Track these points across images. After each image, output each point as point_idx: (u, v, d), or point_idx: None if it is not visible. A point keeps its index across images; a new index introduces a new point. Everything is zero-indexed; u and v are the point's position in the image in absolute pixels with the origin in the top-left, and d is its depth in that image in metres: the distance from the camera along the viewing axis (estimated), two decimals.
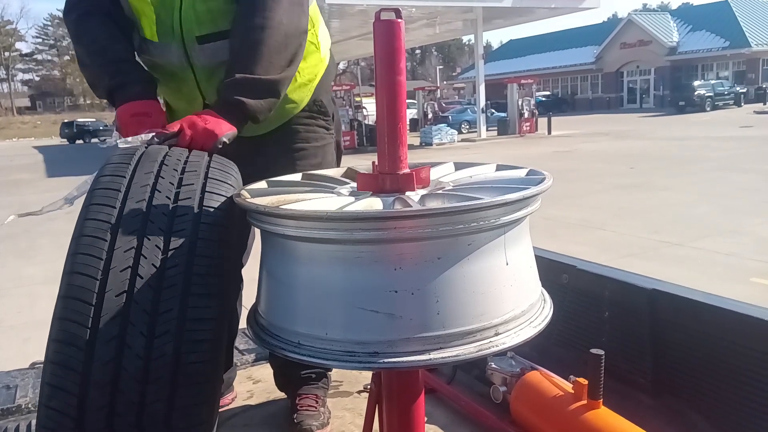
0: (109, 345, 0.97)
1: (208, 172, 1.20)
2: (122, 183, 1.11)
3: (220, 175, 1.20)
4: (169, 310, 1.01)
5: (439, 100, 29.69)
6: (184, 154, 1.24)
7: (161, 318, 1.00)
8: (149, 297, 1.01)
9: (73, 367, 0.96)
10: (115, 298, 0.99)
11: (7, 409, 2.14)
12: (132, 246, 1.04)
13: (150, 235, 1.05)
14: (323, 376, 2.10)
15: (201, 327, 1.02)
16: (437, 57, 67.59)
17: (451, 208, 0.89)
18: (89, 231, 1.04)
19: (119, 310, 0.99)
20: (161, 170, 1.16)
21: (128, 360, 0.98)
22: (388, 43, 0.99)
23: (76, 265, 1.01)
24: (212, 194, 1.15)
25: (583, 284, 1.91)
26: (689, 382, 1.59)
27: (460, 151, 18.79)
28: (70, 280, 1.00)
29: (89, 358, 0.97)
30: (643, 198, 9.06)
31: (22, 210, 1.31)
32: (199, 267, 1.05)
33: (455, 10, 20.91)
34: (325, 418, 2.00)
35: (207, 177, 1.18)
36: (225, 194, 1.16)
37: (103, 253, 1.02)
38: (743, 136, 17.18)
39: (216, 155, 1.31)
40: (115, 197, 1.08)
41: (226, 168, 1.25)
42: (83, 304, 0.98)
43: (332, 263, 0.91)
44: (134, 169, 1.15)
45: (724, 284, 4.93)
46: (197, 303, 1.03)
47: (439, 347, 0.89)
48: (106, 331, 0.98)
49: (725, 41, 35.77)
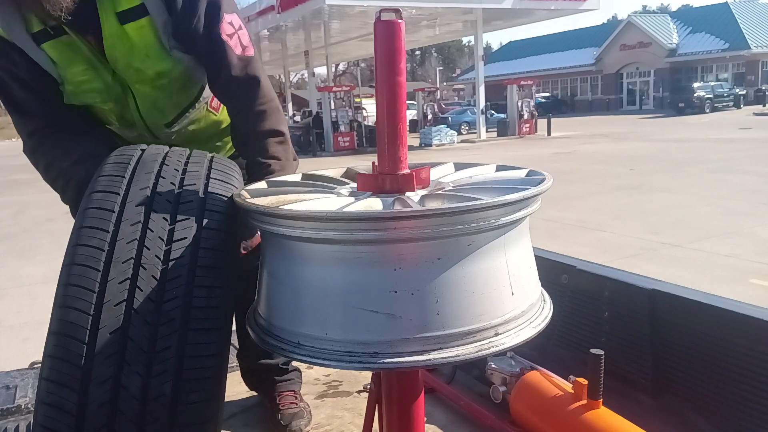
0: (104, 386, 0.92)
1: (209, 184, 1.14)
2: (116, 201, 1.04)
3: (222, 188, 1.15)
4: (167, 348, 0.95)
5: (438, 101, 29.68)
6: (182, 162, 1.18)
7: (159, 356, 0.95)
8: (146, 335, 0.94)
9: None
10: (109, 336, 0.93)
11: (6, 409, 2.14)
12: (126, 277, 0.96)
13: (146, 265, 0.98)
14: (295, 369, 2.17)
15: (201, 364, 0.97)
16: (437, 58, 67.62)
17: (451, 208, 0.89)
18: (81, 259, 0.97)
19: (114, 348, 0.93)
20: (158, 183, 1.09)
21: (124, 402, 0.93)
22: (389, 44, 0.99)
23: (67, 299, 0.94)
24: (213, 213, 1.09)
25: (583, 284, 1.91)
26: (689, 382, 1.60)
27: (460, 152, 18.78)
28: (62, 315, 0.94)
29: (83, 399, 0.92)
30: (643, 199, 9.06)
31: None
32: (198, 299, 0.99)
33: (455, 12, 20.92)
34: (307, 412, 2.07)
35: (207, 191, 1.12)
36: (227, 212, 1.11)
37: (95, 285, 0.95)
38: (743, 138, 17.18)
39: (218, 159, 1.28)
40: (109, 219, 1.01)
41: (227, 177, 1.19)
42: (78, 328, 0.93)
43: (332, 263, 0.91)
44: (129, 182, 1.08)
45: (724, 285, 4.92)
46: (197, 339, 0.97)
47: (439, 347, 0.89)
48: (100, 372, 0.92)
49: (725, 43, 35.79)
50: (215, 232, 1.07)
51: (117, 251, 0.98)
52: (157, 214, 1.04)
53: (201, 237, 1.04)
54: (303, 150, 21.09)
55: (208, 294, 1.00)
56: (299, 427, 1.99)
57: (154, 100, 1.63)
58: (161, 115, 1.69)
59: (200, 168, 1.18)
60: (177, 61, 1.55)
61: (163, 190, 1.09)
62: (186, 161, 1.19)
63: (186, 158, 1.20)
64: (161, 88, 1.60)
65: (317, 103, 23.17)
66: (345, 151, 20.38)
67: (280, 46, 27.59)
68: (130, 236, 1.00)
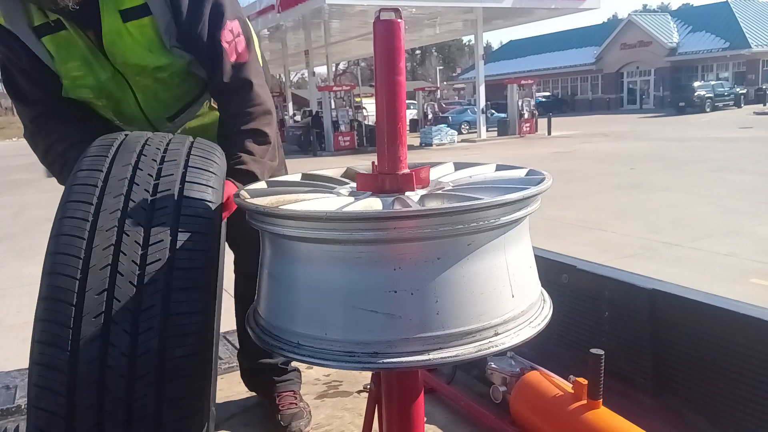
0: (94, 344, 0.96)
1: (189, 161, 1.19)
2: (99, 177, 1.10)
3: (202, 163, 1.20)
4: (152, 306, 0.99)
5: (439, 101, 29.62)
6: (163, 143, 1.23)
7: (144, 315, 0.99)
8: (131, 295, 0.99)
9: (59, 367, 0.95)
10: (95, 297, 0.98)
11: (6, 409, 2.14)
12: (111, 243, 1.02)
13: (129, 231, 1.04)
14: (295, 369, 2.17)
15: (186, 321, 1.01)
16: (437, 57, 67.57)
17: (451, 208, 0.89)
18: (67, 230, 1.03)
19: (101, 309, 0.98)
20: (139, 161, 1.15)
21: (113, 358, 0.97)
22: (388, 44, 0.99)
23: (55, 266, 0.99)
24: (193, 184, 1.14)
25: (583, 284, 1.91)
26: (689, 382, 1.59)
27: (460, 151, 18.78)
28: (50, 281, 0.99)
29: (74, 358, 0.96)
30: (643, 198, 9.06)
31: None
32: (181, 261, 1.04)
33: (455, 11, 20.91)
34: (306, 412, 2.07)
35: (187, 166, 1.17)
36: (207, 183, 1.15)
37: (81, 252, 1.01)
38: (743, 137, 17.18)
39: (200, 140, 1.32)
40: (93, 192, 1.07)
41: (208, 155, 1.24)
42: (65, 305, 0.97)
43: (332, 263, 0.91)
44: (112, 161, 1.14)
45: (724, 285, 4.92)
46: (180, 297, 1.02)
47: (439, 347, 0.89)
48: (88, 330, 0.97)
49: (725, 42, 35.75)
50: (194, 200, 1.12)
51: (101, 220, 1.04)
52: (138, 186, 1.09)
53: (181, 205, 1.09)
54: (303, 149, 21.10)
55: (190, 256, 1.05)
56: (299, 428, 1.99)
57: (155, 93, 1.65)
58: (163, 108, 1.72)
59: (181, 146, 1.23)
60: (178, 57, 1.59)
61: (145, 165, 1.14)
62: (168, 142, 1.25)
63: (168, 140, 1.26)
64: (162, 81, 1.63)
65: (318, 102, 23.17)
66: (345, 150, 20.38)
67: (280, 45, 27.58)
68: (113, 207, 1.06)
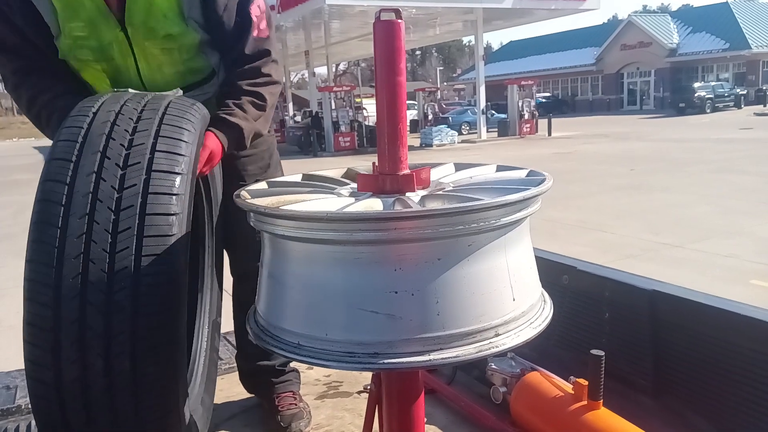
0: (75, 262, 1.07)
1: (164, 117, 1.24)
2: (80, 133, 1.19)
3: (177, 120, 1.25)
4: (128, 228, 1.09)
5: (439, 101, 29.63)
6: (143, 100, 1.29)
7: (120, 237, 1.09)
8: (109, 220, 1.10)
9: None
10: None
11: (7, 409, 2.14)
12: (89, 191, 1.12)
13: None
14: (294, 369, 2.17)
15: (158, 243, 1.10)
16: (437, 58, 67.60)
17: (452, 209, 0.89)
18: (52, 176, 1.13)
19: (82, 230, 1.09)
20: (117, 119, 1.21)
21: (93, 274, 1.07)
22: (388, 44, 0.99)
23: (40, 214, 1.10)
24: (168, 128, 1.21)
25: (584, 285, 1.91)
26: (690, 383, 1.59)
27: (461, 152, 18.78)
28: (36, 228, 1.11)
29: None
30: (643, 199, 9.05)
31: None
32: (155, 187, 1.13)
33: (455, 11, 20.91)
34: (306, 413, 2.07)
35: (162, 123, 1.23)
36: (176, 145, 1.21)
37: (63, 199, 1.11)
38: (743, 138, 17.17)
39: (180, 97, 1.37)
40: (73, 148, 1.16)
41: (184, 112, 1.29)
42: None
43: (332, 264, 0.91)
44: (92, 118, 1.21)
45: (724, 286, 4.92)
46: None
47: (439, 348, 0.88)
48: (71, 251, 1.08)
49: (725, 43, 35.75)
50: (166, 147, 1.19)
51: (82, 161, 1.14)
52: (114, 141, 1.17)
53: (153, 161, 1.17)
54: (303, 150, 21.09)
55: (165, 179, 1.15)
56: (299, 428, 1.99)
57: (159, 65, 1.65)
58: (164, 82, 1.69)
59: (160, 101, 1.30)
60: (191, 31, 1.61)
61: (122, 121, 1.21)
62: (148, 99, 1.30)
63: (148, 98, 1.32)
64: (169, 53, 1.63)
65: (318, 103, 23.15)
66: (346, 151, 20.37)
67: (280, 45, 27.43)
68: (93, 152, 1.15)
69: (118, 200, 1.11)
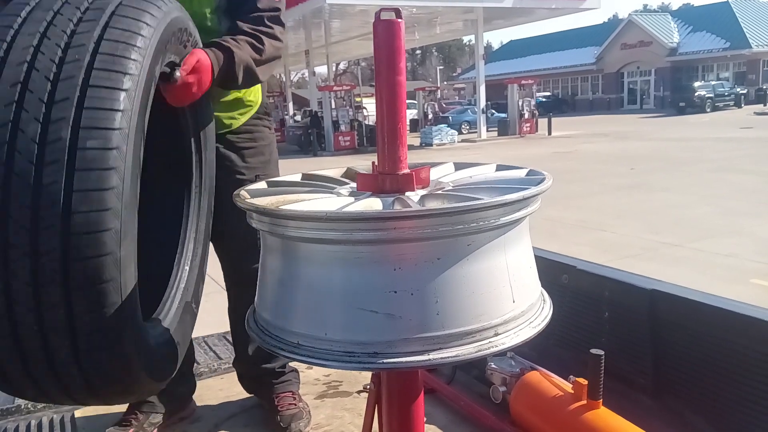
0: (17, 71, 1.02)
1: None
2: None
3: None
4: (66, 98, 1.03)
5: (439, 101, 29.60)
6: None
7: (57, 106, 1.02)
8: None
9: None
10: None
11: (6, 409, 2.14)
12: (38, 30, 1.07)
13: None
14: (293, 369, 2.16)
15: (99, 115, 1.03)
16: (437, 57, 67.52)
17: (451, 208, 0.89)
18: None
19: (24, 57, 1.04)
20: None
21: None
22: (388, 43, 0.99)
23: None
24: None
25: (583, 284, 1.91)
26: (689, 383, 1.59)
27: (460, 151, 18.78)
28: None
29: None
30: (643, 199, 9.06)
31: None
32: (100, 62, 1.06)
33: (456, 11, 20.91)
34: (306, 413, 2.06)
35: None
36: None
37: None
38: (743, 138, 17.17)
39: None
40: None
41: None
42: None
43: (332, 263, 0.91)
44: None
45: (724, 285, 4.92)
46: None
47: (439, 347, 0.88)
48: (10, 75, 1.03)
49: (726, 42, 35.74)
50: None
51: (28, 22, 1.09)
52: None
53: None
54: (303, 149, 21.10)
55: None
56: (299, 428, 1.99)
57: None
58: None
59: None
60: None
61: None
62: None
63: None
64: (189, 3, 1.59)
65: (318, 102, 23.16)
66: (346, 150, 20.37)
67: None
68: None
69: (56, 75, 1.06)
